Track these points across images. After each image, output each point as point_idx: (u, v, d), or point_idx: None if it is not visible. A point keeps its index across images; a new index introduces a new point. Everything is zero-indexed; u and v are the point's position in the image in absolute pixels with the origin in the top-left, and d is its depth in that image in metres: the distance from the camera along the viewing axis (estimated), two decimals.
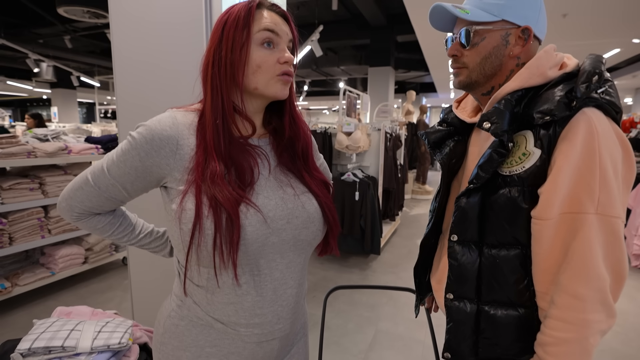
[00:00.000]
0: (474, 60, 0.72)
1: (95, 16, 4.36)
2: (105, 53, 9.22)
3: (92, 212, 0.71)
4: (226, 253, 0.59)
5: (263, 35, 0.63)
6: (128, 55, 1.53)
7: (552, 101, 0.62)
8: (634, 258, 3.54)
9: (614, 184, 0.60)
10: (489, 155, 0.67)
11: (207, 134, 0.62)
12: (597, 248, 0.60)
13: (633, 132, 4.20)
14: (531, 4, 0.69)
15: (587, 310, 0.60)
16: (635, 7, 4.43)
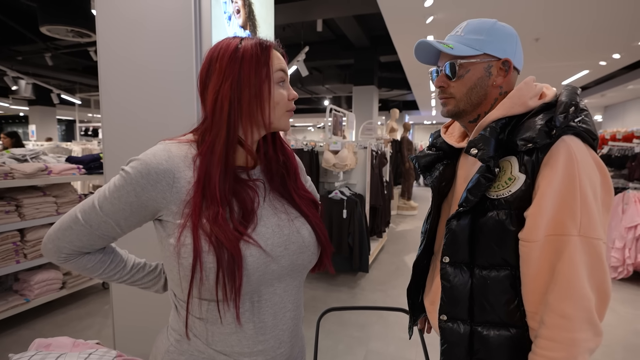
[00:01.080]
0: (460, 90, 0.77)
1: (79, 35, 4.32)
2: (88, 70, 9.11)
3: (82, 251, 0.68)
4: (229, 288, 0.59)
5: (279, 75, 0.67)
6: (115, 74, 1.52)
7: (534, 129, 0.66)
8: (612, 270, 3.64)
9: (594, 207, 0.64)
10: (477, 180, 0.70)
11: (212, 170, 0.62)
12: (581, 268, 0.62)
13: (605, 148, 4.41)
14: (509, 39, 0.75)
15: (575, 329, 0.62)
16: (601, 33, 4.74)
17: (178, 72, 1.43)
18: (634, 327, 2.72)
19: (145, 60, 1.47)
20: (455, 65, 0.75)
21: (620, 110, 10.80)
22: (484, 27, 0.75)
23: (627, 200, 3.57)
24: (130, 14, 1.47)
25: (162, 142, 0.66)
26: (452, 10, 4.15)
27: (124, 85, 1.51)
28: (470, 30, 0.76)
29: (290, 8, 5.00)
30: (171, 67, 1.43)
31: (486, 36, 0.74)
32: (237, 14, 1.72)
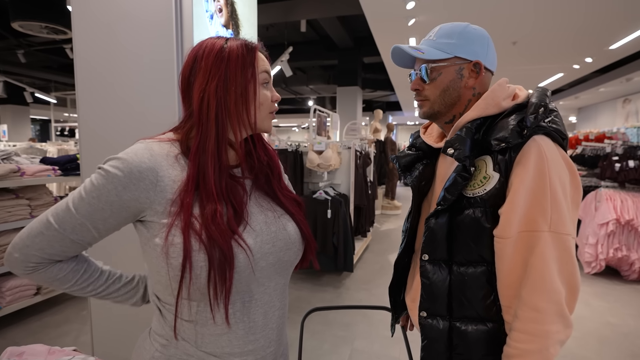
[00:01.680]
0: (434, 93, 0.79)
1: (54, 32, 4.17)
2: (64, 69, 8.81)
3: (53, 259, 0.63)
4: (219, 287, 0.59)
5: (263, 77, 0.68)
6: (92, 72, 1.48)
7: (507, 129, 0.69)
8: (586, 265, 3.80)
9: (563, 204, 0.67)
10: (454, 179, 0.73)
11: (207, 168, 0.61)
12: (552, 263, 0.65)
13: (578, 148, 4.59)
14: (480, 41, 0.78)
15: (546, 321, 0.65)
16: (575, 37, 4.93)
17: (158, 71, 1.40)
18: (606, 319, 2.84)
19: (124, 58, 1.43)
20: (427, 68, 0.78)
21: (592, 111, 11.26)
22: (455, 31, 0.77)
23: (599, 198, 3.73)
24: (108, 11, 1.43)
25: (142, 141, 0.64)
26: (433, 13, 4.23)
27: (102, 84, 1.47)
28: (442, 35, 0.78)
29: (273, 8, 4.99)
30: (151, 65, 1.40)
31: (457, 40, 0.77)
32: (219, 13, 1.70)
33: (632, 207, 3.55)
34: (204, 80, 0.63)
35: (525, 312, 0.66)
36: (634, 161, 3.64)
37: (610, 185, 3.83)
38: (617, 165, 3.72)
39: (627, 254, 3.54)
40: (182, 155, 0.65)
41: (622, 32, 4.71)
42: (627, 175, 3.66)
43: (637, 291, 3.34)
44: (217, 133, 0.63)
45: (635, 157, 3.66)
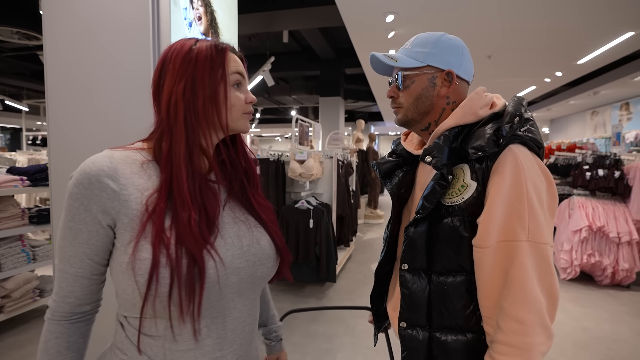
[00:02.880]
0: (407, 100, 0.80)
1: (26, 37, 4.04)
2: (36, 76, 8.51)
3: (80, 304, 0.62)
4: (187, 303, 0.55)
5: (235, 78, 0.66)
6: (63, 79, 1.42)
7: (484, 138, 0.69)
8: (562, 271, 3.91)
9: (540, 213, 0.67)
10: (432, 187, 0.72)
11: (179, 173, 0.59)
12: (531, 273, 0.64)
13: (552, 158, 4.77)
14: (453, 51, 0.78)
15: (530, 333, 0.64)
16: (546, 52, 5.18)
17: (134, 80, 1.36)
18: (582, 324, 2.91)
19: (97, 65, 1.39)
20: (401, 76, 0.79)
21: (564, 123, 11.79)
22: (430, 40, 0.78)
23: (572, 205, 3.87)
24: (82, 16, 1.39)
25: (106, 150, 0.62)
26: (411, 26, 4.35)
27: (74, 92, 1.42)
28: (417, 43, 0.79)
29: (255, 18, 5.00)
30: (126, 74, 1.36)
31: (430, 48, 0.78)
32: (198, 21, 1.68)
33: (602, 214, 3.70)
34: (172, 82, 0.61)
35: (508, 324, 0.65)
36: (603, 170, 3.81)
37: (582, 193, 3.98)
38: (587, 174, 3.88)
39: (599, 259, 3.66)
40: (150, 162, 0.62)
41: (589, 47, 4.98)
42: (597, 183, 3.82)
43: (611, 296, 3.45)
44: (187, 136, 0.61)
45: (604, 166, 3.83)
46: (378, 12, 3.92)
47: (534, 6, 3.71)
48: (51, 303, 0.61)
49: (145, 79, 1.34)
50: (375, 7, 3.80)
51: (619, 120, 8.67)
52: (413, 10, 3.88)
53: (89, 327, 0.66)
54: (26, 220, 2.61)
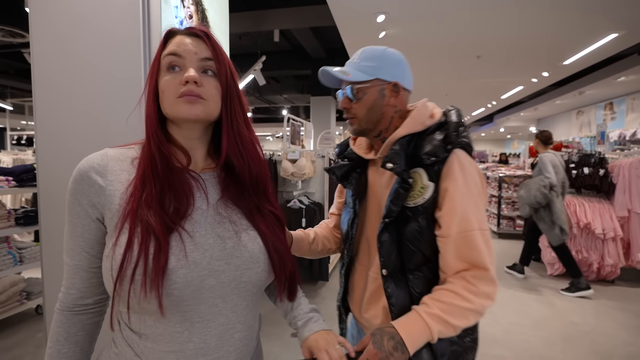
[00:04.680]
0: (361, 111, 0.87)
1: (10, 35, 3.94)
2: (21, 74, 8.31)
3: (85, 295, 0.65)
4: (149, 282, 0.54)
5: (167, 60, 0.62)
6: (51, 77, 1.40)
7: (434, 145, 0.81)
8: (549, 267, 3.99)
9: (481, 204, 0.82)
10: (396, 191, 0.81)
11: (145, 162, 0.61)
12: (485, 253, 0.78)
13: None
14: (398, 64, 0.87)
15: (490, 299, 0.79)
16: (532, 53, 5.27)
17: (124, 78, 1.34)
18: (569, 318, 2.98)
19: (86, 64, 1.37)
20: (353, 89, 0.86)
21: (550, 122, 12.01)
22: (376, 55, 0.86)
23: None
24: (69, 13, 1.37)
25: (106, 148, 0.65)
26: (402, 26, 4.39)
27: (61, 91, 1.39)
28: (364, 58, 0.87)
29: (246, 17, 4.98)
30: (116, 72, 1.35)
31: (377, 63, 0.85)
32: (189, 19, 1.67)
33: (589, 211, 3.79)
34: None
35: (475, 295, 0.76)
36: (588, 168, 3.90)
37: (569, 191, 4.07)
38: (573, 172, 3.96)
39: (586, 255, 3.75)
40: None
41: (574, 49, 5.09)
42: (583, 181, 3.91)
43: (596, 290, 3.54)
44: (147, 126, 0.63)
45: (589, 165, 3.92)
46: (369, 12, 3.94)
47: (523, 8, 3.77)
48: (59, 294, 0.65)
49: (135, 77, 1.33)
50: (366, 7, 3.82)
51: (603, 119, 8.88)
52: (404, 10, 3.91)
53: (92, 322, 0.67)
54: (12, 221, 2.55)
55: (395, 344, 0.71)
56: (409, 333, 0.73)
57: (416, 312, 0.76)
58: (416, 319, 0.75)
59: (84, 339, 0.66)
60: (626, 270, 3.89)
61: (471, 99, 9.41)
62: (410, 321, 0.75)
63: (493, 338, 2.65)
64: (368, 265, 0.92)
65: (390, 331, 0.73)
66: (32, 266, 2.66)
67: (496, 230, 5.95)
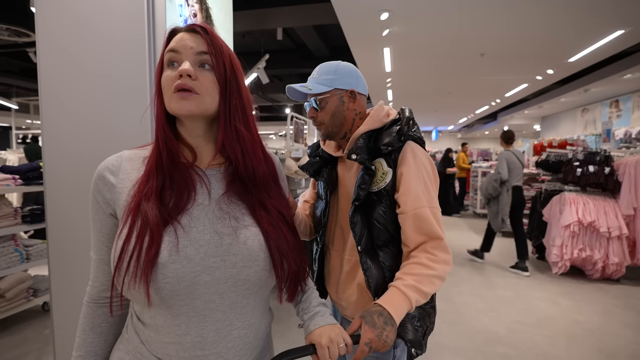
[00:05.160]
0: (326, 118, 1.01)
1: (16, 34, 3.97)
2: (26, 73, 8.37)
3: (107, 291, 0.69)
4: (139, 273, 0.56)
5: (167, 57, 0.64)
6: (57, 77, 1.41)
7: (391, 137, 0.95)
8: (553, 265, 3.97)
9: (430, 186, 0.96)
10: (362, 177, 0.94)
11: (152, 158, 0.65)
12: (437, 226, 0.92)
13: (543, 154, 4.83)
14: (350, 74, 1.01)
15: (448, 264, 0.91)
16: (537, 51, 5.23)
17: (129, 76, 1.35)
18: (573, 317, 2.97)
19: (92, 62, 1.38)
20: (316, 100, 1.00)
21: (555, 120, 11.93)
22: (331, 69, 1.00)
23: (563, 201, 3.93)
24: (75, 13, 1.38)
25: (123, 150, 0.69)
26: (406, 24, 4.37)
27: (68, 89, 1.40)
28: (322, 72, 1.01)
29: (249, 16, 4.98)
30: (122, 71, 1.35)
31: (333, 75, 0.99)
32: (193, 18, 1.67)
33: (593, 209, 3.76)
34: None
35: (435, 262, 0.89)
36: (593, 166, 3.87)
37: (573, 189, 4.05)
38: (578, 170, 3.94)
39: (590, 254, 3.73)
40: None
41: (580, 46, 5.05)
42: (588, 179, 3.88)
43: (601, 289, 3.52)
44: (156, 124, 0.66)
45: (594, 163, 3.90)
46: (373, 10, 3.93)
47: (527, 5, 3.74)
48: (87, 287, 0.69)
49: (140, 76, 1.34)
50: (370, 5, 3.81)
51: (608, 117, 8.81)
52: (408, 8, 3.89)
53: (115, 315, 0.69)
54: (19, 219, 2.58)
55: (384, 319, 0.79)
56: (394, 306, 0.82)
57: (394, 287, 0.85)
58: (396, 293, 0.84)
59: (108, 330, 0.69)
60: (631, 268, 3.87)
61: (475, 97, 9.36)
62: (391, 296, 0.84)
63: (497, 336, 2.65)
64: (342, 250, 1.05)
65: (377, 309, 0.81)
66: (39, 263, 2.69)
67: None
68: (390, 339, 0.78)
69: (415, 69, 6.62)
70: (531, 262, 4.47)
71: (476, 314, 3.04)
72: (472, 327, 2.79)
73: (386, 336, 0.77)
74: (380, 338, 0.77)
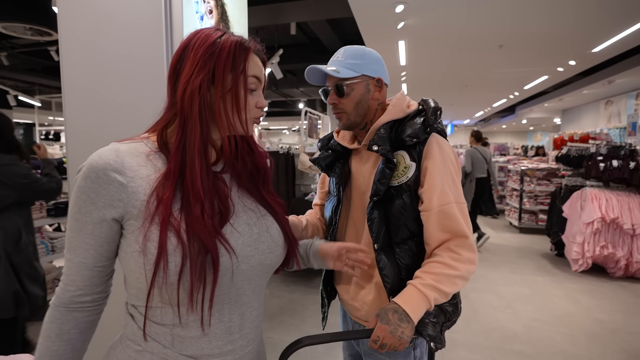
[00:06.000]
0: (349, 106, 0.95)
1: (38, 33, 4.09)
2: (48, 71, 8.62)
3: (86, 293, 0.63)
4: (196, 291, 0.57)
5: (252, 81, 0.65)
6: (79, 75, 1.45)
7: (416, 128, 0.90)
8: (573, 263, 3.87)
9: (457, 181, 0.92)
10: (382, 170, 0.89)
11: (192, 165, 0.60)
12: (462, 223, 0.87)
13: (564, 149, 4.69)
14: (378, 61, 0.95)
15: (473, 264, 0.88)
16: (559, 41, 5.05)
17: (148, 74, 1.38)
18: (594, 315, 2.90)
19: (112, 60, 1.41)
20: (343, 86, 0.92)
21: (577, 113, 11.54)
22: (358, 53, 0.93)
23: (584, 197, 3.81)
24: (95, 12, 1.41)
25: (112, 143, 0.62)
26: (421, 16, 4.29)
27: (90, 87, 1.44)
28: (348, 56, 0.93)
29: (263, 10, 4.98)
30: (140, 68, 1.38)
31: (361, 60, 0.93)
32: (209, 14, 1.69)
33: (616, 205, 3.64)
34: (190, 72, 0.61)
35: (460, 261, 0.85)
36: (617, 161, 3.74)
37: (595, 185, 3.92)
38: (601, 165, 3.81)
39: (612, 251, 3.62)
40: (156, 153, 0.63)
41: (604, 35, 4.84)
42: (611, 174, 3.75)
43: (624, 288, 3.42)
44: (202, 131, 0.61)
45: (618, 157, 3.76)
46: (388, 3, 3.87)
47: None
48: (57, 289, 0.63)
49: (158, 72, 1.36)
50: None
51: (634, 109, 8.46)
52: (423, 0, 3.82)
53: (86, 321, 0.63)
54: (44, 212, 2.68)
55: (399, 315, 0.78)
56: (409, 304, 0.80)
57: (412, 285, 0.84)
58: (413, 291, 0.83)
59: (77, 337, 0.62)
60: None
61: (492, 90, 9.13)
62: (407, 294, 0.83)
63: (513, 334, 2.61)
64: None
65: (392, 307, 0.80)
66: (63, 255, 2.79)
67: (517, 225, 5.81)
68: (406, 336, 0.77)
69: (431, 62, 6.50)
70: (550, 259, 4.38)
71: (492, 311, 3.00)
72: (488, 324, 2.76)
73: (401, 332, 0.76)
74: (395, 334, 0.76)
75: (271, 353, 0.83)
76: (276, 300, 3.06)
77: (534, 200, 5.70)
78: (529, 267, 4.08)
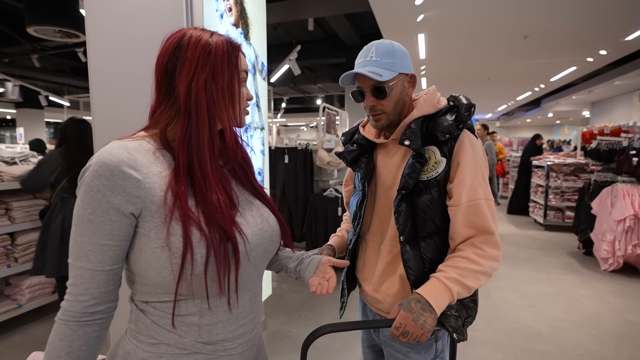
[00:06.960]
0: (389, 106, 0.94)
1: (67, 36, 4.26)
2: (76, 72, 8.98)
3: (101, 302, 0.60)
4: (224, 278, 0.61)
5: (243, 76, 0.71)
6: (106, 75, 1.51)
7: (448, 124, 0.90)
8: (602, 262, 3.71)
9: (486, 178, 0.92)
10: (412, 165, 0.89)
11: (203, 158, 0.63)
12: (490, 219, 0.88)
13: (593, 143, 4.49)
14: (408, 57, 0.95)
15: (497, 261, 0.88)
16: (588, 29, 4.82)
17: None
18: (624, 317, 2.77)
19: (137, 60, 1.46)
20: (385, 88, 0.92)
21: (607, 105, 10.99)
22: (389, 50, 0.92)
23: (615, 193, 3.64)
24: (121, 14, 1.46)
25: (115, 141, 0.62)
26: (442, 7, 4.18)
27: (116, 86, 1.50)
28: (382, 55, 0.91)
29: (281, 7, 4.99)
30: None
31: (393, 58, 0.92)
32: (229, 12, 1.71)
33: None
34: (190, 71, 0.63)
35: (484, 258, 0.86)
36: None
37: (628, 180, 3.73)
38: (634, 160, 3.62)
39: None
40: (160, 150, 0.64)
41: (637, 22, 4.58)
42: None
43: None
44: (210, 125, 0.64)
45: None
46: None
47: None
48: (63, 303, 0.59)
49: None
50: None
51: None
52: None
53: (96, 336, 0.60)
54: None
55: (422, 305, 0.80)
56: (432, 295, 0.82)
57: (435, 278, 0.85)
58: (436, 283, 0.84)
59: (86, 354, 0.59)
60: None
61: (516, 83, 8.82)
62: (430, 285, 0.84)
63: (538, 333, 2.54)
64: (381, 241, 1.00)
65: (415, 297, 0.82)
66: None
67: (542, 222, 5.62)
68: (429, 325, 0.78)
69: (451, 55, 6.34)
70: (577, 258, 4.21)
71: (515, 309, 2.92)
72: (511, 323, 2.69)
73: (424, 321, 0.78)
74: (417, 322, 0.78)
75: (290, 347, 0.86)
76: (295, 295, 3.09)
77: (560, 196, 5.49)
78: (554, 265, 3.95)
